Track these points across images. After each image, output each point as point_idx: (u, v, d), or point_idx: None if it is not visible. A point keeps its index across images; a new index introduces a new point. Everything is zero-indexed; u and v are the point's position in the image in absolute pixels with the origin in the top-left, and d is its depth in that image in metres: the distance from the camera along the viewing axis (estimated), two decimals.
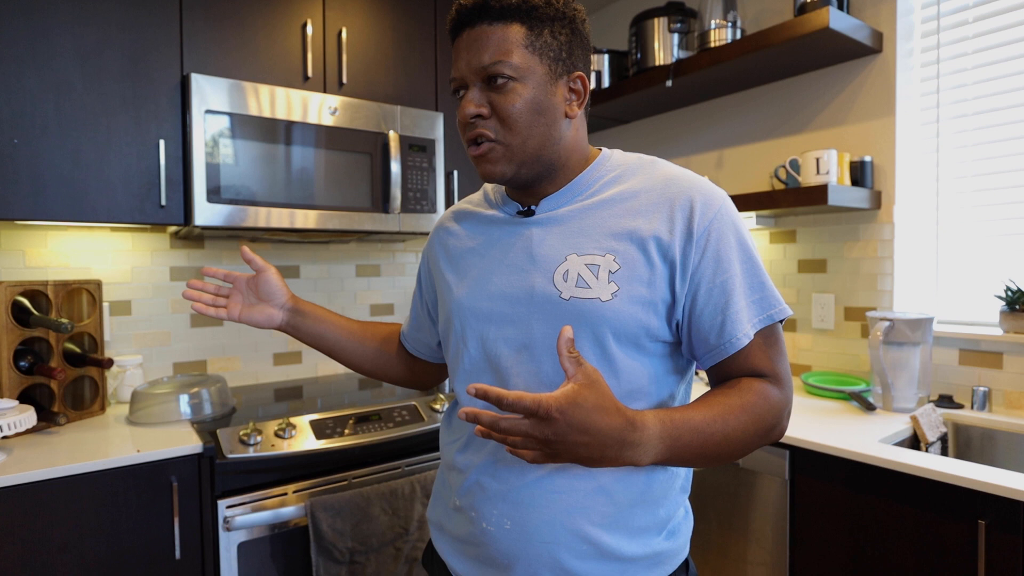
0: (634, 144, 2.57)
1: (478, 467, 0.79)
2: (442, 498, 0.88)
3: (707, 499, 1.57)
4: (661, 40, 2.09)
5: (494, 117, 0.75)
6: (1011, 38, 1.61)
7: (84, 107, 1.50)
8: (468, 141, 0.78)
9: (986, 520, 1.10)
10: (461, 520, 0.82)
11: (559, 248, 0.77)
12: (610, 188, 0.79)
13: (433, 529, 0.90)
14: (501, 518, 0.76)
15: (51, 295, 1.53)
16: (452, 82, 0.78)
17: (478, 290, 0.81)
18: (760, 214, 1.93)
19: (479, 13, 0.74)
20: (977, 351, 1.62)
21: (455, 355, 0.84)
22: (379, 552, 1.47)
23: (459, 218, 0.91)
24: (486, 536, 0.78)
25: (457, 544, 0.83)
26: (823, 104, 1.92)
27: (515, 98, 0.74)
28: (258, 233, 1.79)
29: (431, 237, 0.96)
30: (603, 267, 0.73)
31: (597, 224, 0.76)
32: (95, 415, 1.63)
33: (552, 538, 0.74)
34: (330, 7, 1.86)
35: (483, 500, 0.78)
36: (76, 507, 1.25)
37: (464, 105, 0.75)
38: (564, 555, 0.74)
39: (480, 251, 0.84)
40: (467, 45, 0.75)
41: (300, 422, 1.53)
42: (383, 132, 1.86)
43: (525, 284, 0.77)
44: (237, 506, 1.38)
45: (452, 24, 0.78)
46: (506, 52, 0.73)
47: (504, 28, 0.73)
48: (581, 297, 0.73)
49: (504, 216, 0.84)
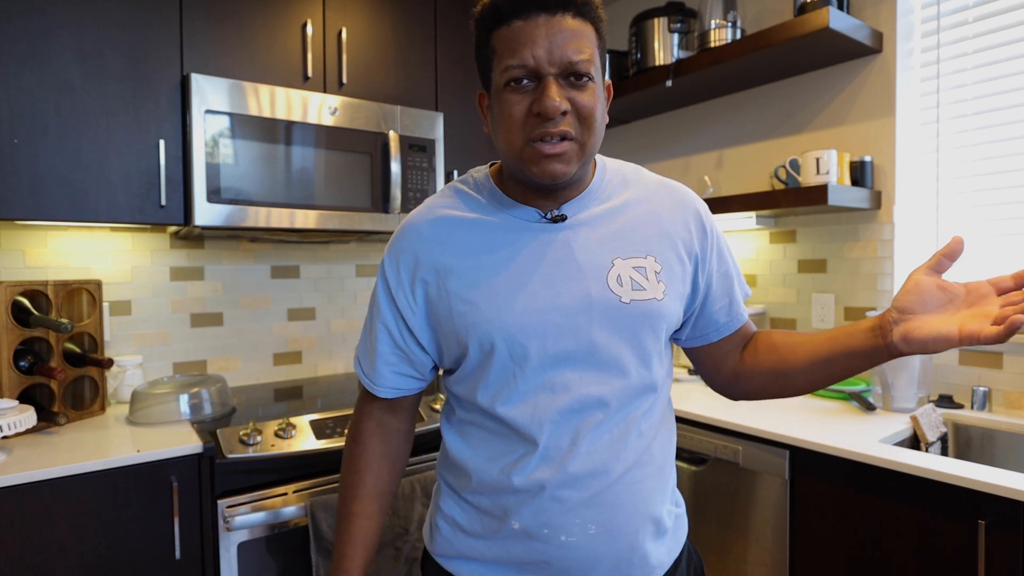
0: (634, 144, 2.57)
1: (551, 482, 0.74)
2: (481, 527, 0.80)
3: (707, 499, 1.57)
4: (661, 40, 2.09)
5: (573, 114, 0.71)
6: (1011, 38, 1.61)
7: (84, 107, 1.50)
8: (540, 136, 0.70)
9: (986, 520, 1.10)
10: (524, 542, 0.77)
11: (602, 253, 0.76)
12: (621, 193, 0.81)
13: (459, 563, 0.83)
14: (584, 525, 0.75)
15: (51, 295, 1.53)
16: (514, 69, 0.69)
17: (521, 304, 0.74)
18: (760, 214, 1.93)
19: (563, 2, 0.69)
20: (977, 351, 1.62)
21: (503, 378, 0.76)
22: (379, 552, 1.47)
23: (446, 227, 0.79)
24: (563, 549, 0.75)
25: (511, 569, 0.79)
26: (823, 104, 1.92)
27: (594, 98, 0.72)
28: (258, 233, 1.79)
29: (402, 255, 0.80)
30: (648, 268, 0.77)
31: (628, 227, 0.79)
32: (95, 415, 1.63)
33: (634, 528, 0.77)
34: (330, 7, 1.86)
35: (561, 513, 0.75)
36: (76, 507, 1.25)
37: (550, 97, 0.68)
38: (644, 541, 0.78)
39: (503, 261, 0.76)
40: (548, 33, 0.68)
41: (300, 422, 1.53)
42: (383, 132, 1.86)
43: (579, 292, 0.74)
44: (237, 506, 1.38)
45: (518, 3, 0.70)
46: (589, 50, 0.71)
47: (584, 25, 0.71)
48: (640, 299, 0.76)
49: (524, 222, 0.78)
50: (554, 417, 0.75)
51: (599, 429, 0.75)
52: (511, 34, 0.70)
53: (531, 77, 0.70)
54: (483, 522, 0.80)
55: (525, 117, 0.71)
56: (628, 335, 0.76)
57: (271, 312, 2.11)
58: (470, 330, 0.76)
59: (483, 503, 0.79)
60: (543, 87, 0.69)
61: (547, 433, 0.75)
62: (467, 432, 0.82)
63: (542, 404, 0.75)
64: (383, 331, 0.83)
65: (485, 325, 0.75)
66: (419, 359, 0.84)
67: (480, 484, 0.79)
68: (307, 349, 2.19)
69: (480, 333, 0.75)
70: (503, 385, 0.76)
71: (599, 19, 0.73)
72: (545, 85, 0.69)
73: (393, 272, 0.81)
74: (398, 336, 0.83)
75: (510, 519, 0.77)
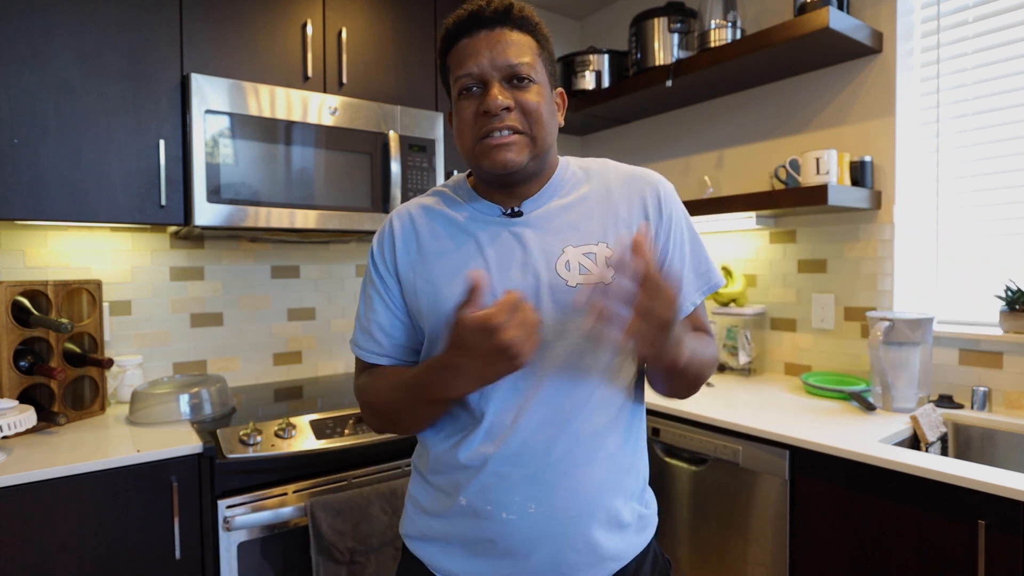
0: (634, 144, 2.57)
1: (494, 457, 0.79)
2: (436, 504, 0.85)
3: (707, 499, 1.57)
4: (661, 40, 2.09)
5: (518, 111, 0.79)
6: (1011, 38, 1.61)
7: (84, 107, 1.50)
8: (488, 132, 0.79)
9: (986, 520, 1.10)
10: (471, 519, 0.81)
11: (554, 243, 0.82)
12: (581, 187, 0.87)
13: (419, 543, 0.87)
14: (524, 503, 0.78)
15: (51, 295, 1.53)
16: (463, 79, 0.80)
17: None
18: (760, 214, 1.93)
19: (501, 19, 0.80)
20: (977, 351, 1.62)
21: None
22: (379, 552, 1.47)
23: (422, 219, 0.87)
24: (506, 527, 0.78)
25: (462, 547, 0.82)
26: (823, 104, 1.92)
27: (538, 96, 0.80)
28: (258, 233, 1.79)
29: (386, 239, 0.88)
30: (599, 254, 0.82)
31: (583, 218, 0.84)
32: (95, 415, 1.63)
33: (577, 512, 0.79)
34: (330, 7, 1.86)
35: (502, 490, 0.78)
36: (76, 507, 1.25)
37: (493, 96, 0.77)
38: (591, 528, 0.79)
39: (466, 252, 0.83)
40: (489, 45, 0.79)
41: (300, 422, 1.53)
42: (383, 132, 1.86)
43: (530, 276, 0.81)
44: (237, 506, 1.38)
45: (463, 24, 0.80)
46: (529, 57, 0.80)
47: (522, 36, 0.81)
48: (586, 283, 0.80)
49: (486, 217, 0.85)
50: (501, 394, 0.79)
51: (542, 407, 0.79)
52: (459, 50, 0.81)
53: (478, 84, 0.80)
54: (438, 500, 0.85)
55: (475, 118, 0.80)
56: (576, 318, 0.80)
57: (271, 312, 2.11)
58: (430, 309, 0.83)
59: (439, 481, 0.85)
60: (487, 89, 0.79)
61: (492, 409, 0.79)
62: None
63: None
64: (377, 299, 0.89)
65: (441, 304, 0.82)
66: (414, 329, 0.89)
67: (436, 461, 0.85)
68: (307, 349, 2.19)
69: (436, 311, 0.82)
70: None
71: (539, 33, 0.83)
72: (489, 87, 0.79)
73: (379, 253, 0.89)
74: (391, 303, 0.89)
75: (459, 495, 0.81)
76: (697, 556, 1.60)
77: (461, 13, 0.81)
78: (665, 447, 1.68)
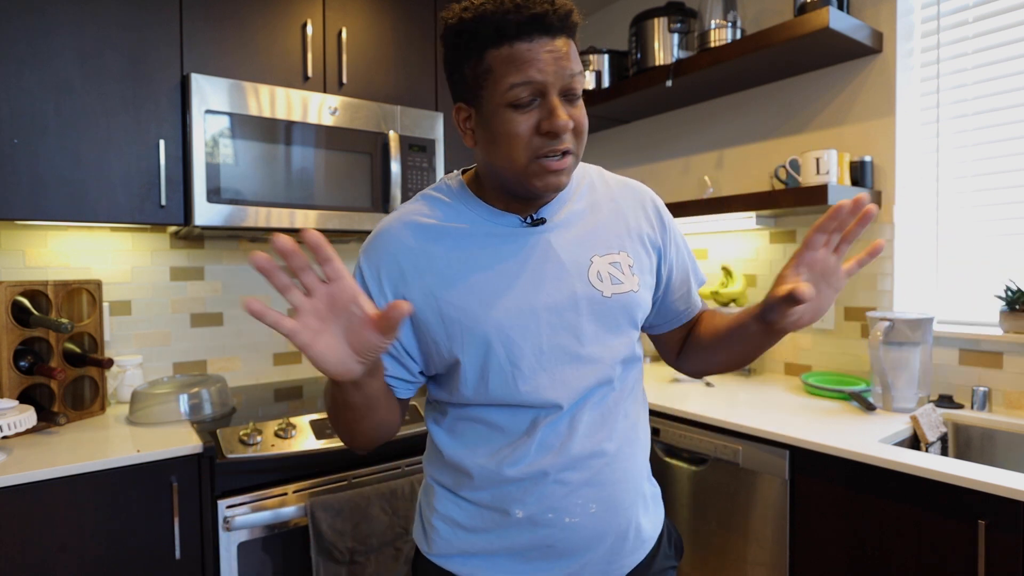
0: (634, 144, 2.57)
1: (553, 467, 0.78)
2: (481, 521, 0.81)
3: (707, 499, 1.57)
4: (661, 40, 2.09)
5: (572, 131, 0.74)
6: (1011, 38, 1.61)
7: (84, 107, 1.50)
8: (547, 153, 0.72)
9: (986, 520, 1.10)
10: (528, 529, 0.79)
11: (581, 252, 0.82)
12: (589, 194, 0.87)
13: (458, 560, 0.83)
14: (586, 504, 0.79)
15: (51, 295, 1.53)
16: (518, 88, 0.71)
17: (513, 304, 0.77)
18: (760, 214, 1.93)
19: (563, 26, 0.72)
20: (977, 351, 1.62)
21: (501, 377, 0.78)
22: (379, 552, 1.47)
23: (431, 236, 0.79)
24: (566, 530, 0.79)
25: (513, 557, 0.81)
26: (823, 104, 1.92)
27: (584, 114, 0.76)
28: (258, 233, 1.79)
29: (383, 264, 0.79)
30: (623, 263, 0.83)
31: (600, 225, 0.84)
32: (95, 415, 1.63)
33: (631, 502, 0.83)
34: (330, 7, 1.86)
35: (564, 496, 0.78)
36: (76, 507, 1.25)
37: (560, 116, 0.71)
38: (639, 515, 0.84)
39: (490, 266, 0.78)
40: (554, 56, 0.71)
41: (300, 422, 1.53)
42: (383, 132, 1.86)
43: (566, 290, 0.79)
44: (237, 506, 1.38)
45: (524, 26, 0.70)
46: (580, 68, 0.75)
47: (573, 46, 0.75)
48: (620, 292, 0.82)
49: (507, 228, 0.80)
50: (547, 408, 0.79)
51: (593, 412, 0.81)
52: (514, 54, 0.71)
53: (535, 96, 0.72)
54: (484, 516, 0.82)
55: (531, 134, 0.72)
56: (613, 326, 0.82)
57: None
58: (465, 335, 0.77)
59: (483, 498, 0.81)
60: (550, 106, 0.71)
61: (542, 422, 0.79)
62: (460, 431, 0.83)
63: (540, 396, 0.79)
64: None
65: (480, 327, 0.76)
66: (410, 360, 0.83)
67: (481, 480, 0.80)
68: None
69: (476, 336, 0.77)
70: (501, 383, 0.78)
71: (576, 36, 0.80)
72: (553, 105, 0.72)
73: (374, 279, 0.80)
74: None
75: (513, 509, 0.79)
76: (697, 556, 1.60)
77: (511, 9, 0.70)
78: (665, 447, 1.68)
